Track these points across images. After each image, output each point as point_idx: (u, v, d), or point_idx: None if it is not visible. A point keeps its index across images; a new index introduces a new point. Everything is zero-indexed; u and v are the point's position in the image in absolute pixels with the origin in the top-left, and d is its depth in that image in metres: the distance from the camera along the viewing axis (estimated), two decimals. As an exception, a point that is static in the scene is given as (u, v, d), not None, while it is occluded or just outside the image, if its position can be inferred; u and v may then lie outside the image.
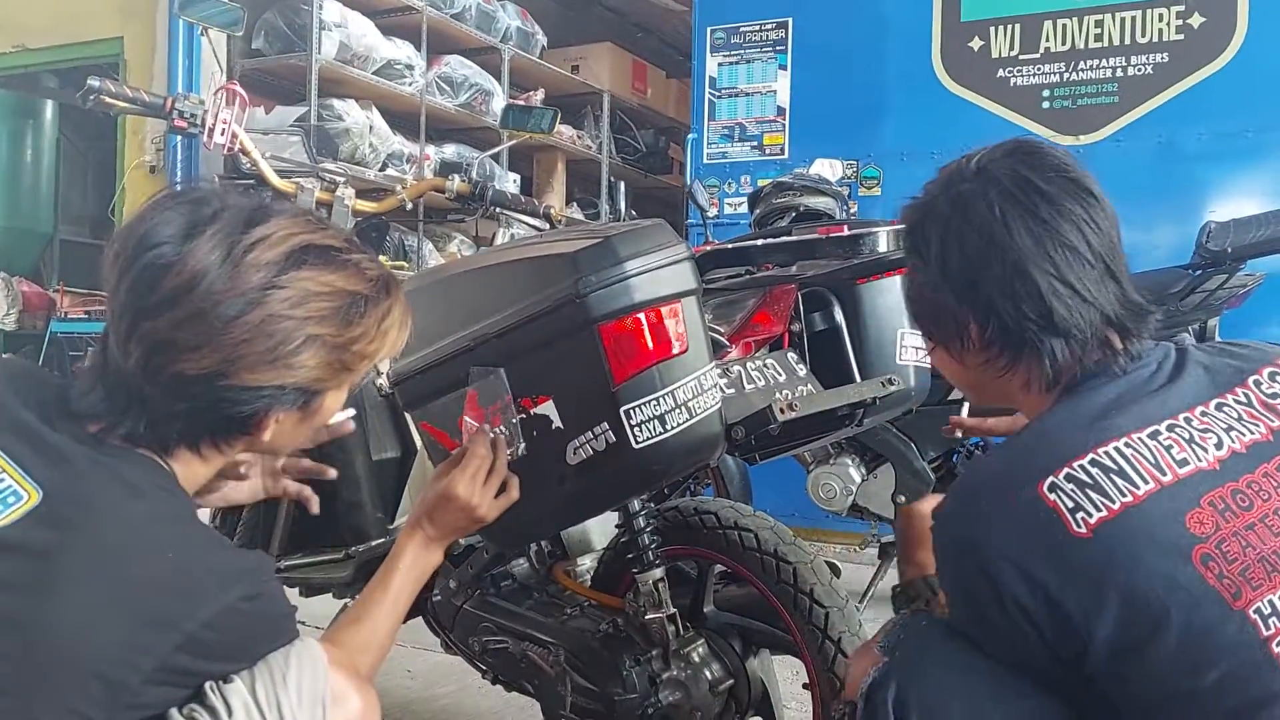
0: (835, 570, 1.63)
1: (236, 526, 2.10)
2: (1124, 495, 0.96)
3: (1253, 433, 1.03)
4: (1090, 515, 0.96)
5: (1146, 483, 0.97)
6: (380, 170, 4.94)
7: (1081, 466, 0.98)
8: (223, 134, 2.09)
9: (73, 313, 5.39)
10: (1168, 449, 1.00)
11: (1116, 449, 0.99)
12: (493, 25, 5.73)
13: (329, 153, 4.59)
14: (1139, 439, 1.00)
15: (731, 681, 1.64)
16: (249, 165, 2.14)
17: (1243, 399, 1.06)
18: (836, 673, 1.57)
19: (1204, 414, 1.03)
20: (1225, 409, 1.04)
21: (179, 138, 4.53)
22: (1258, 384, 1.07)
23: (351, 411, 1.37)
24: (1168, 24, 3.95)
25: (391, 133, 5.07)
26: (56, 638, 0.91)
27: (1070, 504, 0.96)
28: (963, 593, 1.04)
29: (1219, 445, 1.01)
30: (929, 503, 1.31)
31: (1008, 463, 1.06)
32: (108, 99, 2.03)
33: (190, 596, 0.95)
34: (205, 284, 1.00)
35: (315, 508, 1.44)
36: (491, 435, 1.41)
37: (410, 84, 5.16)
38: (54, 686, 0.90)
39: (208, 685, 0.97)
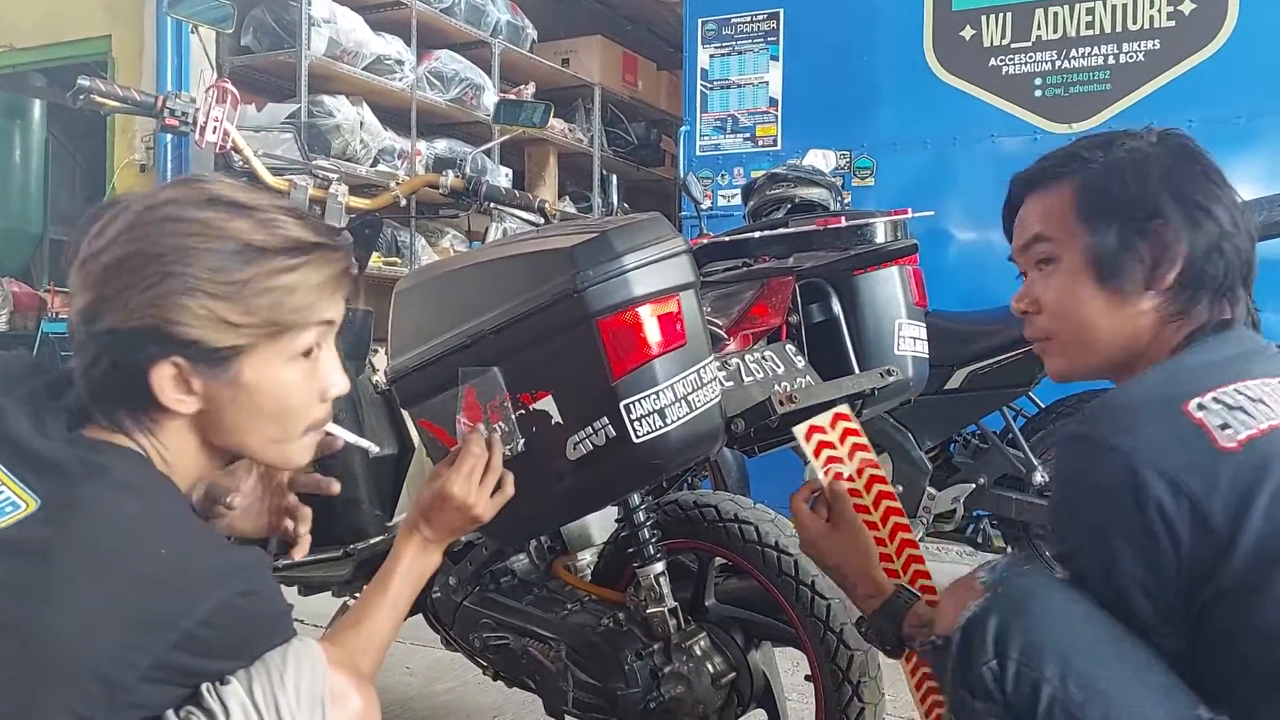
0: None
1: (234, 526, 2.09)
2: (1271, 418, 1.01)
3: None
4: (1239, 432, 1.00)
5: None
6: (371, 166, 4.92)
7: (1226, 393, 1.04)
8: (214, 132, 2.08)
9: (64, 312, 5.35)
10: None
11: (1257, 385, 1.05)
12: (482, 19, 5.71)
13: (320, 149, 4.56)
14: (1274, 384, 1.06)
15: (734, 674, 1.64)
16: (241, 163, 2.12)
17: None
18: (838, 664, 1.57)
19: None
20: None
21: (169, 136, 4.51)
22: None
23: (343, 441, 1.30)
24: (1159, 11, 3.95)
25: (382, 128, 5.04)
26: (54, 639, 0.90)
27: (1218, 421, 1.01)
28: (1101, 500, 1.03)
29: None
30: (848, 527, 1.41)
31: (1149, 388, 1.10)
32: (98, 98, 2.01)
33: (186, 594, 0.95)
34: (103, 237, 0.99)
35: (305, 550, 1.38)
36: (486, 434, 1.40)
37: (400, 79, 5.13)
38: (52, 688, 0.90)
39: (204, 687, 0.96)
